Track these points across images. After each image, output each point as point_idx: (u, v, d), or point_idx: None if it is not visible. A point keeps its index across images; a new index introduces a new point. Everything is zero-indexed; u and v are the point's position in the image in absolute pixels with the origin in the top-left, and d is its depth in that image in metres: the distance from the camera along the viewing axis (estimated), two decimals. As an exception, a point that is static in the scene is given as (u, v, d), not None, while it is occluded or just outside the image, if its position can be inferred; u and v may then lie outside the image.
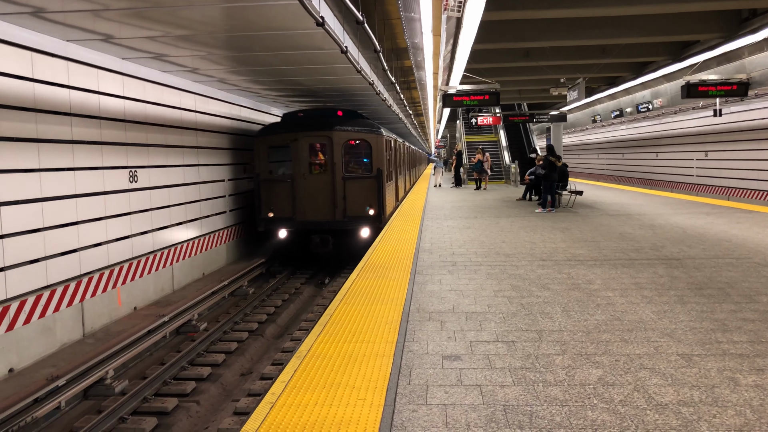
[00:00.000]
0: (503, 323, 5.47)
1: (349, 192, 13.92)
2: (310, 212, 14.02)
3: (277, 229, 14.27)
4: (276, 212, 14.13)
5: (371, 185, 14.00)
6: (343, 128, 13.93)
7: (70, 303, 8.40)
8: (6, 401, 6.22)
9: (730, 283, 6.83)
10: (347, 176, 14.00)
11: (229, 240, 14.69)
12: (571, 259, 8.52)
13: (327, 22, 7.30)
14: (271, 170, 14.38)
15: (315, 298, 12.22)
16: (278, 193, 14.07)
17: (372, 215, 13.95)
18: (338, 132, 13.89)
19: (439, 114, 33.82)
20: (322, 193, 13.99)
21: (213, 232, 13.72)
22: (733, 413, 3.55)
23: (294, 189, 13.99)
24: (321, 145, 14.15)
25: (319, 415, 3.62)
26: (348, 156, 14.21)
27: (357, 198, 13.91)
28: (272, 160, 14.36)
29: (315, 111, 15.71)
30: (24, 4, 6.47)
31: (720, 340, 4.88)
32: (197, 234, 12.86)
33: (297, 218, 14.05)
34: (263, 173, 14.19)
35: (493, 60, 19.48)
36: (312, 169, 14.17)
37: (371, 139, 14.17)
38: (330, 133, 13.89)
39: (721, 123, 21.23)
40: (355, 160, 14.46)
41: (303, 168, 14.02)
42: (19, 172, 7.49)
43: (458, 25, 10.48)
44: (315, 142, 14.13)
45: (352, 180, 14.01)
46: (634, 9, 13.76)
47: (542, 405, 3.71)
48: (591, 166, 40.22)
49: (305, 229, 14.16)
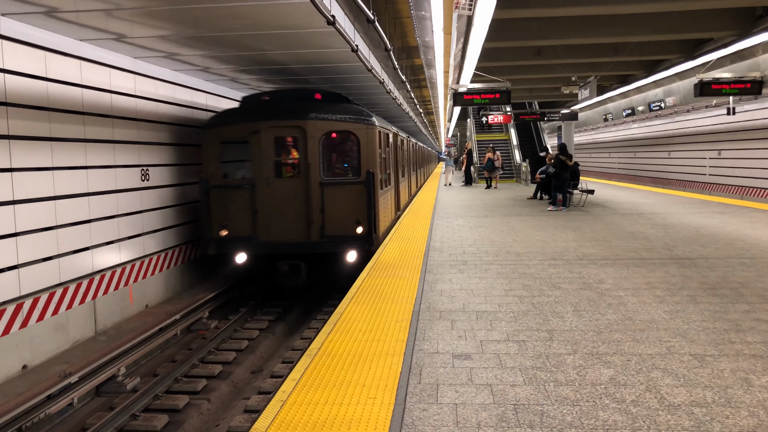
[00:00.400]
0: (514, 322, 5.46)
1: (329, 203, 10.47)
2: (277, 230, 10.54)
3: (232, 252, 10.71)
4: (231, 230, 10.59)
5: (359, 193, 10.47)
6: (320, 116, 10.49)
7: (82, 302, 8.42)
8: (20, 397, 6.28)
9: (744, 283, 6.77)
10: (326, 181, 10.54)
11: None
12: (583, 258, 8.48)
13: (338, 20, 7.31)
14: (226, 173, 10.95)
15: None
16: (234, 204, 10.58)
17: (360, 234, 10.48)
18: (314, 121, 10.42)
19: (449, 113, 33.79)
20: (293, 205, 10.52)
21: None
22: (746, 414, 3.52)
23: (255, 199, 10.50)
24: (291, 138, 10.81)
25: (329, 413, 3.62)
26: (328, 154, 10.96)
27: (340, 211, 10.48)
28: (226, 159, 10.97)
29: (285, 93, 12.35)
30: (38, 3, 6.53)
31: (733, 340, 4.84)
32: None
33: (259, 238, 10.54)
34: (213, 178, 10.60)
35: (504, 58, 19.43)
36: (279, 172, 10.73)
37: (359, 130, 10.65)
38: (303, 122, 10.42)
39: (735, 121, 21.05)
40: (338, 160, 11.37)
41: (267, 170, 10.50)
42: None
43: (469, 24, 10.45)
44: (283, 135, 10.71)
45: (334, 186, 10.55)
46: (647, 6, 13.67)
47: (553, 405, 3.70)
48: (602, 164, 40.01)
49: (270, 253, 10.77)
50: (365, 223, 10.45)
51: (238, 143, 10.74)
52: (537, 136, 34.38)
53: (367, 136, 10.65)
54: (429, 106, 30.03)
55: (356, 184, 10.54)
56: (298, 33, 8.28)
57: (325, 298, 11.06)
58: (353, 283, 7.19)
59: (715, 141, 23.11)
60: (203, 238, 10.75)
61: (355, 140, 10.73)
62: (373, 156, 10.71)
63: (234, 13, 7.12)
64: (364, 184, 10.44)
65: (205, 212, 10.59)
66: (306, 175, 10.46)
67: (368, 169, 10.48)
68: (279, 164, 10.71)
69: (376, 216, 10.61)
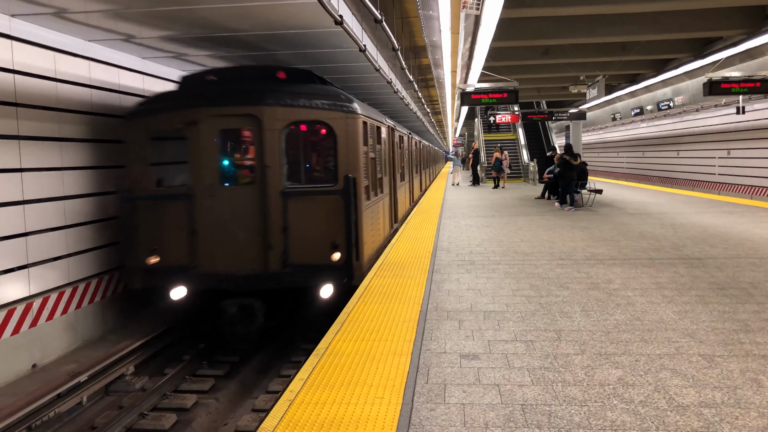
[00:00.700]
0: (521, 322, 5.45)
1: (294, 219, 7.82)
2: (223, 258, 7.88)
3: (165, 286, 8.04)
4: (163, 257, 7.93)
5: (335, 206, 7.84)
6: (282, 101, 7.87)
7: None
8: (30, 396, 6.33)
9: (753, 284, 6.73)
10: (291, 190, 7.85)
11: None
12: (591, 258, 8.45)
13: (345, 20, 7.32)
14: (160, 179, 8.38)
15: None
16: (166, 221, 7.96)
17: (337, 262, 7.82)
18: (273, 108, 7.82)
19: (457, 112, 33.78)
20: (245, 223, 7.89)
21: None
22: (756, 415, 3.50)
23: (193, 215, 7.86)
24: (243, 132, 8.39)
25: (337, 413, 3.63)
26: (293, 152, 8.65)
27: (309, 231, 7.86)
28: (155, 160, 8.39)
29: (238, 71, 9.42)
30: (47, 4, 6.57)
31: (743, 340, 4.81)
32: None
33: (199, 268, 7.88)
34: (138, 186, 8.01)
35: (512, 58, 19.36)
36: (227, 178, 8.22)
37: (335, 121, 7.98)
38: (258, 109, 7.80)
39: (745, 121, 20.92)
40: (307, 161, 9.07)
41: (209, 175, 7.88)
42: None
43: (477, 23, 10.44)
44: (231, 127, 8.14)
45: (301, 197, 7.87)
46: (656, 5, 13.59)
47: (561, 405, 3.69)
48: (611, 164, 39.86)
49: (214, 288, 8.01)
50: (343, 248, 7.77)
51: (172, 138, 8.32)
52: (545, 136, 34.31)
53: (346, 129, 7.99)
54: (437, 105, 30.03)
55: (331, 194, 7.86)
56: (305, 33, 8.29)
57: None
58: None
59: (725, 140, 22.98)
60: (125, 267, 8.09)
61: (330, 134, 8.08)
62: (354, 155, 8.04)
63: (241, 13, 7.14)
64: (341, 194, 7.77)
65: (127, 233, 7.95)
66: (263, 182, 7.78)
67: (347, 174, 7.81)
68: (227, 167, 8.22)
69: (360, 237, 7.99)
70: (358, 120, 8.14)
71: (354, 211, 7.81)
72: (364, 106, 9.61)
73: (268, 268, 7.85)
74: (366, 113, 8.97)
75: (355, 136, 8.08)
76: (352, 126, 8.05)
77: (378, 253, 9.66)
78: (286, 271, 7.84)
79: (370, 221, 9.05)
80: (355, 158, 8.05)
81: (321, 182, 8.51)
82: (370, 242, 9.04)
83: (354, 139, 8.06)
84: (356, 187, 7.93)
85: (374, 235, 9.55)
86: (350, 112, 8.05)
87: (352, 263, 7.75)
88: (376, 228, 9.80)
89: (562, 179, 15.66)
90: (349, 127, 8.02)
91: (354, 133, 8.06)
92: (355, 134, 8.08)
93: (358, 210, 7.98)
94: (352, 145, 8.04)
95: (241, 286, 7.92)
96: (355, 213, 7.83)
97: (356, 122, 8.10)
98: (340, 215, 7.78)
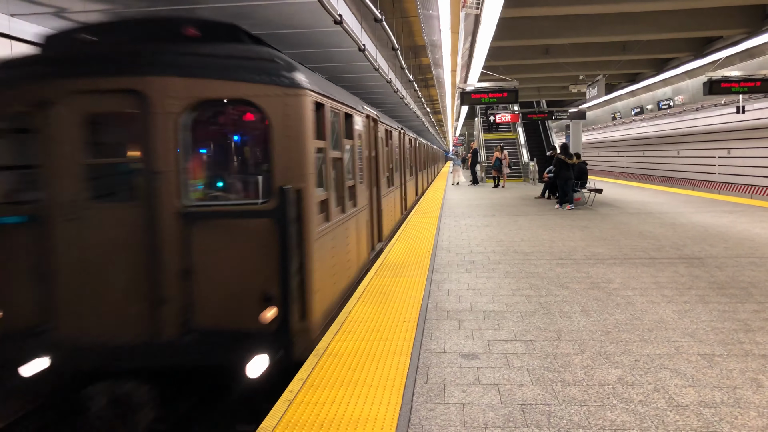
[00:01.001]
0: (521, 322, 5.44)
1: (201, 257, 4.83)
2: (91, 316, 4.85)
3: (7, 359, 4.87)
4: (5, 313, 4.96)
5: (265, 235, 4.83)
6: (183, 70, 4.87)
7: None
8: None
9: (753, 283, 6.72)
10: (196, 210, 4.87)
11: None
12: (591, 258, 8.45)
13: (345, 20, 7.32)
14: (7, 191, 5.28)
15: None
16: (6, 259, 4.98)
17: (270, 326, 4.72)
18: (167, 79, 4.82)
19: (457, 112, 33.78)
20: (124, 261, 4.84)
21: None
22: (755, 415, 3.49)
23: (46, 247, 4.85)
24: (122, 117, 5.18)
25: (336, 412, 3.63)
26: (201, 150, 5.58)
27: (224, 274, 4.87)
28: None
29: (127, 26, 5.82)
30: (47, 5, 6.57)
31: (742, 340, 4.81)
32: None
33: (59, 330, 4.85)
34: None
35: (512, 57, 19.36)
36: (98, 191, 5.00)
37: (266, 99, 4.92)
38: (144, 81, 4.79)
39: (745, 120, 20.92)
40: (223, 164, 5.82)
41: (69, 187, 4.85)
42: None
43: (477, 22, 10.44)
44: (104, 110, 5.00)
45: (211, 221, 4.90)
46: (656, 5, 13.59)
47: (561, 405, 3.69)
48: (611, 163, 39.87)
49: (79, 365, 4.93)
50: (278, 301, 4.76)
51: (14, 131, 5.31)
52: (545, 136, 34.29)
53: (285, 112, 4.96)
54: (436, 105, 30.04)
55: (260, 216, 4.88)
56: (304, 32, 8.29)
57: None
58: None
59: (725, 140, 22.99)
60: None
61: (259, 120, 5.18)
62: (298, 154, 5.01)
63: (240, 12, 7.14)
64: (275, 216, 4.79)
65: None
66: (151, 198, 4.80)
67: (285, 184, 4.83)
68: (97, 174, 5.01)
69: (308, 282, 5.05)
70: (304, 99, 5.08)
71: (297, 241, 4.91)
72: (318, 78, 6.19)
73: (160, 334, 4.80)
74: (321, 90, 5.75)
75: (300, 123, 5.03)
76: (295, 108, 5.01)
77: (344, 300, 6.54)
78: (188, 339, 4.80)
79: (330, 253, 5.95)
80: (299, 159, 5.01)
81: (245, 198, 5.37)
82: (330, 286, 5.88)
83: (298, 128, 5.01)
84: (301, 205, 4.96)
85: (338, 273, 6.29)
86: (292, 85, 4.99)
87: (289, 324, 4.73)
88: (341, 261, 6.54)
89: (558, 178, 15.76)
90: (289, 110, 4.97)
91: (298, 119, 5.01)
92: (299, 121, 5.02)
93: (305, 239, 5.03)
94: (295, 137, 4.99)
95: (117, 362, 4.86)
96: (299, 244, 4.95)
97: (301, 102, 5.05)
98: (275, 249, 4.79)
